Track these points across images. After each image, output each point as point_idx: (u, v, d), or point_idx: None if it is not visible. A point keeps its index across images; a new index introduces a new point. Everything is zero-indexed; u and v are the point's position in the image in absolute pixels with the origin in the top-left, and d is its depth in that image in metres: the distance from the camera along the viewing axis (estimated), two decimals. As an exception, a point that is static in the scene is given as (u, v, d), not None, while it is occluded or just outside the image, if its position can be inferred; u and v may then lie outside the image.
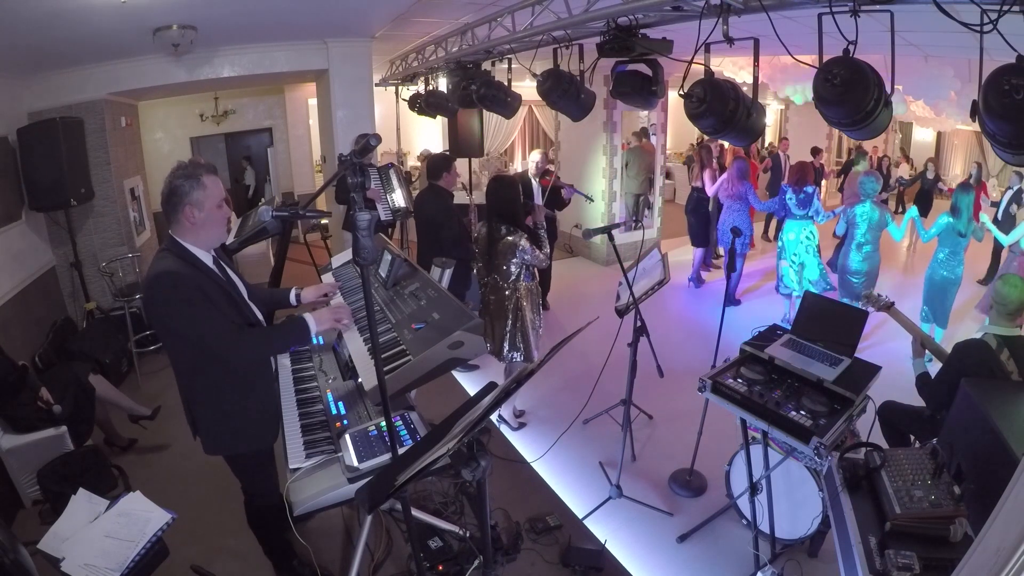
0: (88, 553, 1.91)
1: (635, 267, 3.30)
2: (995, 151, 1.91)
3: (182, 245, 1.89)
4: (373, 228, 1.49)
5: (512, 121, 9.91)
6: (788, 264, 5.24)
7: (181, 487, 3.11)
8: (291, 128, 8.82)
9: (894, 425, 2.87)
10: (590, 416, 3.77)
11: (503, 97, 4.38)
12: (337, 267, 3.19)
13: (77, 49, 4.15)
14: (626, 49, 3.00)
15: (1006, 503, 1.00)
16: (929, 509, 1.56)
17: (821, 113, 2.13)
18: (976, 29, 1.73)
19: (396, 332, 2.23)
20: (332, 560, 2.63)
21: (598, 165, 7.26)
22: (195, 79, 5.22)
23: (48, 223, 4.62)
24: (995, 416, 1.71)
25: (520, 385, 1.43)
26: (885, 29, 2.03)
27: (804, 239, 5.12)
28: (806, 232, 5.13)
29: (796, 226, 5.15)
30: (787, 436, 2.17)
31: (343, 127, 5.75)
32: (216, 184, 1.90)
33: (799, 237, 5.13)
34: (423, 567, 2.43)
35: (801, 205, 5.08)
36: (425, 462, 1.25)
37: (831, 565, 2.38)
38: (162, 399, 3.87)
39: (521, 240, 3.31)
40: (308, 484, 1.87)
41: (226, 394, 1.99)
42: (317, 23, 4.86)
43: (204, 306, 1.82)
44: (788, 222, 5.23)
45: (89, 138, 4.65)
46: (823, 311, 2.72)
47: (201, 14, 3.92)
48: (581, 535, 2.85)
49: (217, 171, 1.97)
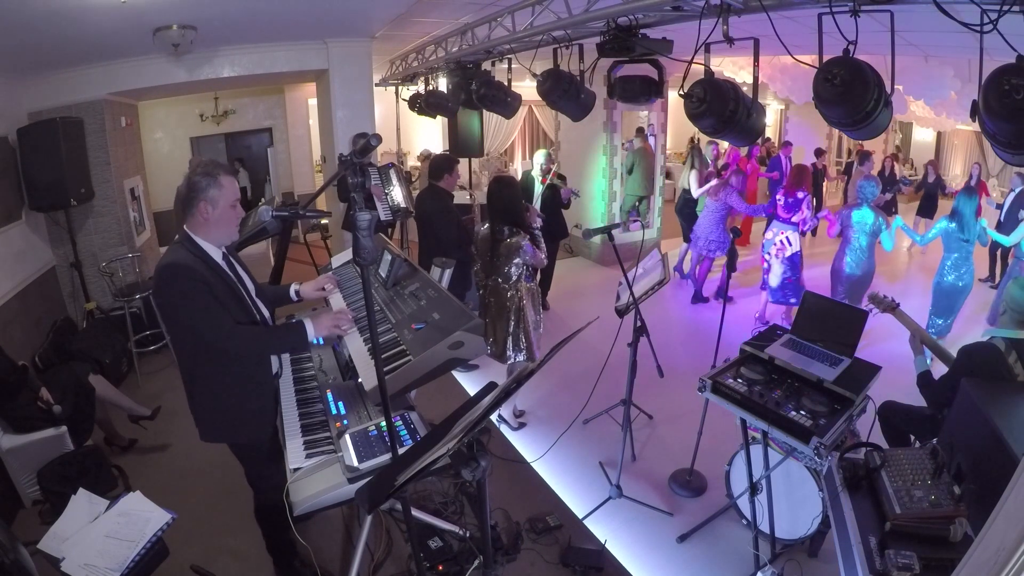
0: (88, 553, 1.91)
1: (635, 267, 3.30)
2: (995, 151, 1.91)
3: (194, 240, 1.96)
4: (373, 228, 1.49)
5: (512, 121, 9.92)
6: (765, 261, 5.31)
7: (181, 487, 3.11)
8: (291, 128, 8.82)
9: (894, 425, 2.87)
10: (590, 416, 3.77)
11: (503, 97, 4.38)
12: (337, 267, 3.18)
13: (77, 49, 4.15)
14: (626, 49, 3.00)
15: (1006, 503, 1.00)
16: (929, 509, 1.57)
17: (821, 113, 2.13)
18: (976, 29, 1.73)
19: (396, 332, 2.23)
20: (332, 560, 2.63)
21: (598, 165, 7.26)
22: (195, 79, 5.22)
23: (48, 223, 4.62)
24: (995, 416, 1.71)
25: (520, 385, 1.43)
26: (885, 29, 2.03)
27: (778, 241, 5.10)
28: (783, 235, 5.08)
29: (776, 227, 5.15)
30: (787, 436, 2.17)
31: (343, 127, 5.76)
32: (232, 184, 1.98)
33: (774, 239, 5.13)
34: (423, 567, 2.43)
35: (787, 209, 5.06)
36: (425, 462, 1.25)
37: (831, 565, 2.38)
38: (162, 399, 3.87)
39: (523, 240, 3.31)
40: (308, 484, 1.87)
41: (222, 383, 2.04)
42: (317, 23, 4.86)
43: (205, 299, 1.88)
44: (774, 221, 5.24)
45: (89, 138, 4.65)
46: (823, 311, 2.72)
47: (201, 14, 3.92)
48: (581, 535, 2.85)
49: (235, 174, 2.04)
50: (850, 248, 4.69)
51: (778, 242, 5.09)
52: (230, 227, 2.02)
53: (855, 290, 4.68)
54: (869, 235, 4.60)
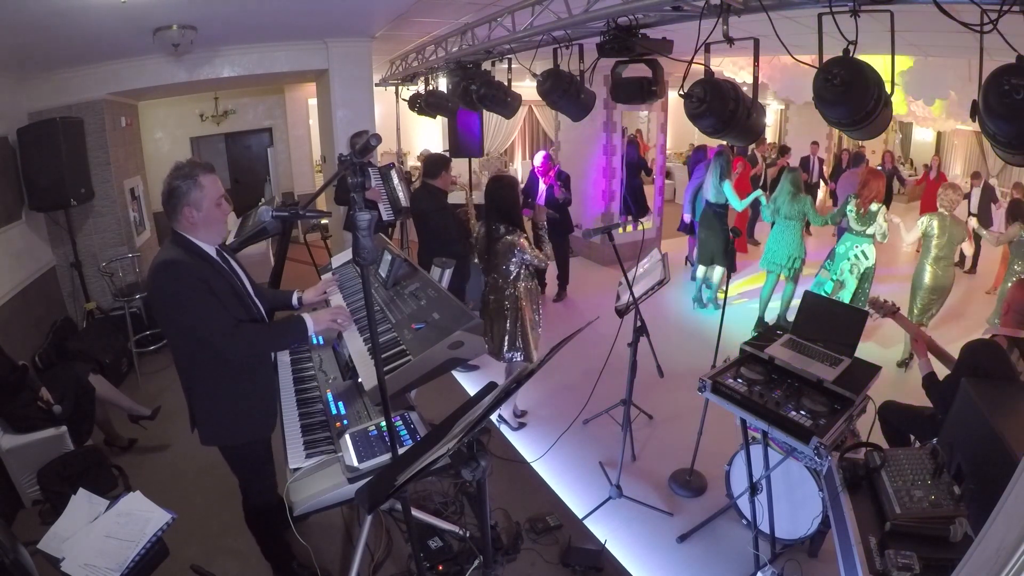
0: (88, 553, 1.91)
1: (635, 267, 3.30)
2: (995, 151, 1.91)
3: (187, 238, 1.93)
4: (373, 228, 1.49)
5: (512, 121, 9.93)
6: (828, 276, 4.73)
7: (181, 487, 3.11)
8: (291, 128, 8.82)
9: (894, 425, 2.87)
10: (590, 416, 3.77)
11: (503, 97, 4.38)
12: (337, 267, 3.18)
13: (77, 49, 4.15)
14: (626, 49, 3.00)
15: (1006, 503, 1.00)
16: (929, 509, 1.57)
17: (821, 113, 2.13)
18: (976, 29, 1.73)
19: (396, 332, 2.23)
20: (332, 560, 2.63)
21: (598, 165, 7.26)
22: (195, 79, 5.22)
23: (48, 223, 4.62)
24: (995, 416, 1.71)
25: (520, 385, 1.43)
26: (885, 29, 2.03)
27: (853, 256, 4.59)
28: (859, 249, 4.57)
29: (849, 240, 4.63)
30: (787, 436, 2.17)
31: (343, 127, 5.75)
32: (213, 183, 1.93)
33: (847, 253, 4.62)
34: (423, 567, 2.43)
35: (860, 221, 4.55)
36: (425, 462, 1.25)
37: (831, 565, 2.38)
38: (162, 399, 3.87)
39: (519, 239, 3.31)
40: (308, 484, 1.87)
41: (224, 384, 2.01)
42: (317, 23, 4.86)
43: (204, 297, 1.84)
44: (845, 234, 4.74)
45: (89, 138, 4.65)
46: (823, 311, 2.72)
47: (201, 14, 3.92)
48: (581, 535, 2.85)
49: (215, 169, 2.00)
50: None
51: (852, 256, 4.60)
52: (218, 225, 1.98)
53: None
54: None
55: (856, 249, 4.59)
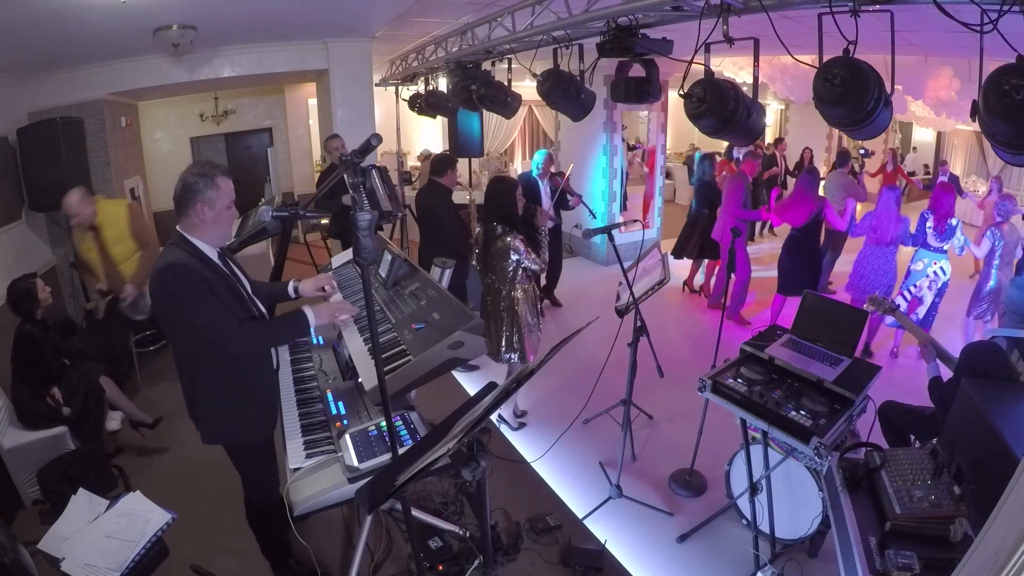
0: (88, 553, 1.91)
1: (635, 267, 3.30)
2: (995, 151, 1.91)
3: (189, 240, 1.94)
4: (373, 228, 1.50)
5: (512, 121, 9.91)
6: (904, 295, 4.61)
7: (181, 487, 3.11)
8: (291, 128, 8.83)
9: (894, 425, 2.86)
10: (590, 416, 3.77)
11: (503, 97, 4.38)
12: (337, 267, 3.18)
13: (77, 49, 4.15)
14: (626, 49, 3.00)
15: (1006, 503, 1.00)
16: (929, 509, 1.57)
17: (821, 113, 2.13)
18: (976, 29, 1.73)
19: (396, 332, 2.23)
20: (332, 560, 2.63)
21: (598, 165, 7.26)
22: (195, 79, 5.22)
23: (48, 223, 4.62)
24: (995, 416, 1.71)
25: (520, 385, 1.43)
26: (885, 29, 2.03)
27: (931, 273, 4.47)
28: (937, 266, 4.45)
29: (926, 256, 4.51)
30: (787, 436, 2.17)
31: (343, 127, 5.76)
32: (229, 186, 1.97)
33: (925, 270, 4.49)
34: (423, 567, 2.42)
35: (940, 236, 4.43)
36: (425, 462, 1.25)
37: (831, 565, 2.38)
38: (163, 399, 3.87)
39: (515, 241, 3.31)
40: (308, 484, 1.87)
41: (226, 384, 2.02)
42: (317, 23, 4.87)
43: (208, 298, 1.86)
44: (921, 250, 4.57)
45: (89, 138, 4.65)
46: (823, 311, 2.72)
47: (201, 14, 3.93)
48: (581, 535, 2.85)
49: (232, 174, 2.01)
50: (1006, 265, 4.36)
51: (931, 273, 4.48)
52: (226, 228, 2.01)
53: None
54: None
55: (935, 266, 4.50)
